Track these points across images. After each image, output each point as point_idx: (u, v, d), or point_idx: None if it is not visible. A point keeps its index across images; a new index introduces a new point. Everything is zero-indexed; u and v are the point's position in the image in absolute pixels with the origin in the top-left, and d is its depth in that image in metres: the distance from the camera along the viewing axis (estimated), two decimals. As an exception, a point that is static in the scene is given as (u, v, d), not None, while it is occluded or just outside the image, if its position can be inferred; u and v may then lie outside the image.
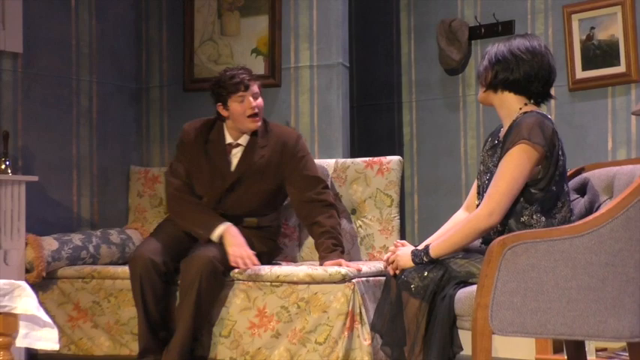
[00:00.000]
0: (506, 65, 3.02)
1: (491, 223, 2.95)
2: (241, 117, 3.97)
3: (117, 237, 4.58)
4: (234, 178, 4.02)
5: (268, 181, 4.04)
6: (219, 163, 4.03)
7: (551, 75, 3.07)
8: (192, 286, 3.76)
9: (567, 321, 2.82)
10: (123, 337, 4.14)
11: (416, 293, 2.92)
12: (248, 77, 3.99)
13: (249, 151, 4.03)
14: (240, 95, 3.96)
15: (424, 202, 5.07)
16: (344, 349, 3.73)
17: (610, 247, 2.83)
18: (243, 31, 4.90)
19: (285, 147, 4.06)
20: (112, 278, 4.20)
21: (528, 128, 2.94)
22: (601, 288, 2.83)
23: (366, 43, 5.29)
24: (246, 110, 3.96)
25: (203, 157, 4.05)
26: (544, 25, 4.69)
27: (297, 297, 3.84)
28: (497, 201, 2.94)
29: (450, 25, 4.89)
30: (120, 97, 5.01)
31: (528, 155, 2.93)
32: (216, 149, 4.05)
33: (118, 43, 5.00)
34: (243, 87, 3.96)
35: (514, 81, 3.03)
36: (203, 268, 3.77)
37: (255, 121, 3.99)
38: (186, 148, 4.08)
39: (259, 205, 4.08)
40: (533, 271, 2.81)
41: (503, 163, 2.96)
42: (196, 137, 4.07)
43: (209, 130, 4.09)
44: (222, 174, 4.03)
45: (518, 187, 2.95)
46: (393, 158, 4.38)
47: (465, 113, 4.95)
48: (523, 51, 3.02)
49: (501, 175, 2.95)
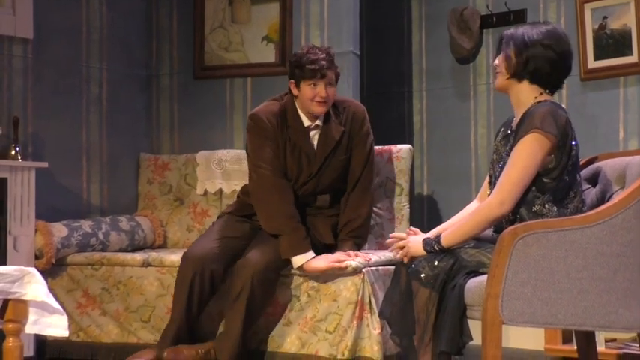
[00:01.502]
0: (536, 54, 3.00)
1: (503, 212, 2.94)
2: (308, 101, 3.88)
3: (126, 224, 4.58)
4: (321, 160, 3.95)
5: (343, 152, 3.98)
6: (303, 146, 3.93)
7: (571, 65, 3.07)
8: (243, 291, 3.71)
9: (578, 311, 2.81)
10: (131, 324, 4.15)
11: (426, 282, 2.92)
12: (327, 65, 3.87)
13: (328, 131, 3.96)
14: (314, 81, 3.86)
15: (434, 191, 5.06)
16: (353, 338, 3.73)
17: (621, 238, 2.83)
18: (253, 18, 4.89)
19: (354, 117, 4.01)
20: (121, 265, 4.21)
21: (541, 117, 2.92)
22: (612, 278, 2.82)
23: (377, 32, 5.27)
24: (316, 97, 3.87)
25: (287, 142, 3.93)
26: (556, 14, 4.66)
27: (308, 286, 3.84)
28: (509, 190, 2.93)
29: (462, 13, 4.87)
30: (130, 84, 5.01)
31: (540, 144, 2.92)
32: (297, 134, 3.93)
33: (129, 30, 5.00)
34: (320, 75, 3.85)
35: (541, 71, 3.01)
36: (255, 274, 3.71)
37: (321, 106, 3.90)
38: (269, 134, 3.91)
39: (335, 179, 4.00)
40: (544, 261, 2.80)
41: (515, 152, 2.94)
42: (277, 122, 3.93)
43: (284, 114, 3.96)
44: (307, 157, 3.95)
45: (529, 176, 2.94)
46: (403, 147, 4.37)
47: (476, 102, 4.93)
48: (551, 40, 3.00)
49: (513, 164, 2.94)
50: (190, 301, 3.83)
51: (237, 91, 4.94)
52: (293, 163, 3.93)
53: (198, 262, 3.82)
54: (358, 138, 3.99)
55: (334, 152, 3.96)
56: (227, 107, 4.92)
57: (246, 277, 3.72)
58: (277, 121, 3.92)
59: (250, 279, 3.71)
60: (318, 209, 4.02)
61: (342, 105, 4.03)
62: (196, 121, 5.01)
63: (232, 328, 3.74)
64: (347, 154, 3.99)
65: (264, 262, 3.75)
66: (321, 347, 3.78)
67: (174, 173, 4.82)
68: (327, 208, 4.03)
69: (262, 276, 3.73)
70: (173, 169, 4.82)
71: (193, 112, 5.03)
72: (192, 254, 3.86)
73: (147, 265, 4.17)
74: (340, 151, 3.97)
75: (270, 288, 3.81)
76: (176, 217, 4.77)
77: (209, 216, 4.63)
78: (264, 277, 3.74)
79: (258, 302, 3.76)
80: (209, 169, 4.71)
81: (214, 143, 4.80)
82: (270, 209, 3.87)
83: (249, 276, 3.71)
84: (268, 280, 3.78)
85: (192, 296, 3.82)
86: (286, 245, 3.80)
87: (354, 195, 3.99)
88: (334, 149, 3.95)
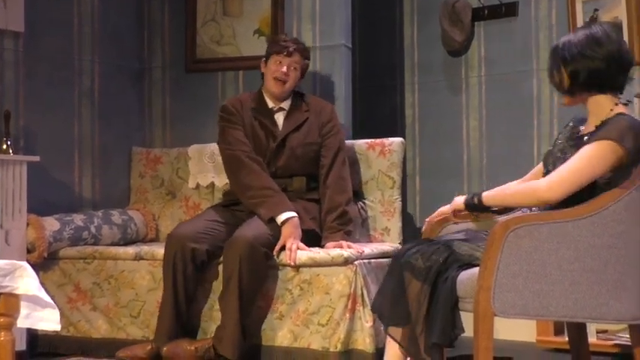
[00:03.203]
0: (580, 68, 2.92)
1: (548, 197, 2.85)
2: (269, 76, 4.13)
3: (118, 218, 4.58)
4: (283, 135, 4.09)
5: (312, 136, 4.12)
6: (267, 125, 4.12)
7: (627, 59, 2.97)
8: (233, 273, 3.73)
9: (569, 303, 2.82)
10: (121, 320, 4.14)
11: (418, 274, 2.92)
12: (297, 48, 4.14)
13: (293, 112, 4.16)
14: (280, 58, 4.10)
15: (426, 184, 5.07)
16: (346, 331, 3.74)
17: (612, 230, 2.83)
18: (245, 11, 4.88)
19: (322, 111, 4.18)
20: (113, 259, 4.20)
21: (622, 130, 2.84)
22: (603, 270, 2.83)
23: (369, 25, 5.26)
24: (275, 72, 4.09)
25: (252, 121, 4.12)
26: (547, 7, 4.67)
27: (300, 279, 3.85)
28: (563, 179, 2.85)
29: (454, 6, 4.87)
30: (122, 77, 4.99)
31: (613, 154, 2.84)
32: (261, 114, 4.14)
33: (121, 23, 4.98)
34: (286, 52, 4.10)
35: (593, 80, 2.93)
36: (244, 250, 3.74)
37: (278, 85, 4.10)
38: (237, 117, 4.12)
39: (307, 162, 4.10)
40: (536, 254, 2.81)
41: (586, 150, 2.86)
42: (243, 105, 4.16)
43: (249, 100, 4.20)
44: (272, 134, 4.11)
45: (588, 178, 2.85)
46: (395, 140, 4.37)
47: (468, 95, 4.94)
48: (592, 48, 2.92)
49: (579, 160, 2.86)
50: (176, 283, 3.85)
51: (229, 85, 4.94)
52: (260, 141, 4.08)
53: (179, 240, 3.86)
54: (327, 128, 4.13)
55: (298, 131, 4.09)
56: (219, 100, 4.90)
57: (234, 255, 3.74)
58: (243, 106, 4.14)
59: (239, 257, 3.73)
60: (296, 193, 4.07)
61: (312, 100, 4.24)
62: (188, 114, 5.00)
63: (229, 317, 3.75)
64: (317, 140, 4.11)
65: (251, 236, 3.78)
66: (314, 340, 3.79)
67: (166, 167, 4.81)
68: (304, 192, 4.09)
69: (250, 251, 3.75)
70: (165, 163, 4.82)
71: (185, 105, 5.02)
72: (175, 233, 3.93)
73: (139, 259, 4.16)
74: (307, 135, 4.10)
75: (260, 267, 3.81)
76: (168, 210, 4.77)
77: (201, 209, 4.62)
78: (252, 252, 3.75)
79: (249, 283, 3.76)
80: (201, 162, 4.70)
81: (206, 137, 4.79)
82: (244, 182, 3.99)
83: (237, 255, 3.74)
84: (257, 257, 3.78)
85: (176, 276, 3.85)
86: (268, 208, 3.89)
87: (329, 183, 4.06)
88: (298, 128, 4.10)
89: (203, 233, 3.92)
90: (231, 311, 3.74)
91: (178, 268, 3.85)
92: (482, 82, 4.87)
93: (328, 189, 4.06)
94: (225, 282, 3.79)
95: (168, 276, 3.88)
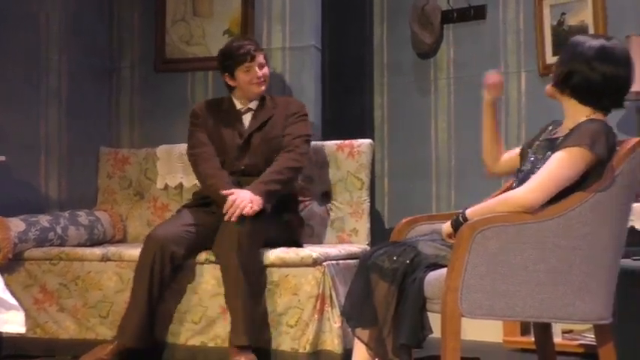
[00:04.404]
0: (580, 71, 2.91)
1: (527, 205, 2.85)
2: (247, 85, 4.12)
3: (85, 218, 4.54)
4: (249, 132, 4.11)
5: (276, 130, 4.11)
6: (234, 125, 4.14)
7: (624, 87, 2.96)
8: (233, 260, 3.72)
9: (535, 304, 2.84)
10: (89, 320, 4.11)
11: (385, 276, 2.93)
12: (254, 48, 4.13)
13: (260, 111, 4.16)
14: (247, 66, 4.10)
15: (395, 186, 5.08)
16: (314, 332, 3.74)
17: (578, 231, 2.86)
18: (215, 11, 4.87)
19: (290, 105, 4.19)
20: (80, 260, 4.17)
21: (593, 135, 2.84)
22: (568, 271, 2.85)
23: (339, 26, 5.27)
24: (253, 79, 4.11)
25: (219, 123, 4.14)
26: (515, 11, 4.70)
27: (269, 279, 3.84)
28: (538, 186, 2.85)
29: (423, 8, 4.89)
30: (90, 76, 4.95)
31: (585, 162, 2.85)
32: (229, 116, 4.16)
33: (89, 21, 4.94)
34: (250, 58, 4.09)
35: (581, 89, 2.93)
36: (238, 241, 3.73)
37: (261, 85, 4.14)
38: (200, 120, 4.16)
39: (273, 157, 4.07)
40: (503, 255, 2.83)
41: (558, 158, 2.87)
42: (208, 110, 4.18)
43: (218, 104, 4.22)
44: (238, 133, 4.12)
45: (562, 185, 2.86)
46: (364, 141, 4.38)
47: (437, 97, 4.96)
48: (603, 61, 2.89)
49: (552, 166, 2.87)
50: (152, 283, 3.82)
51: (199, 85, 4.92)
52: (225, 140, 4.09)
53: (160, 242, 3.83)
54: (292, 119, 4.13)
55: (265, 126, 4.10)
56: (188, 101, 4.89)
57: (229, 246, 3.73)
58: (210, 109, 4.17)
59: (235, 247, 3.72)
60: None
61: (281, 98, 4.28)
62: (157, 114, 4.98)
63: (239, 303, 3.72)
64: (280, 133, 4.10)
65: (239, 228, 3.75)
66: (283, 341, 3.79)
67: (134, 167, 4.78)
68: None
69: (244, 239, 3.74)
70: (133, 163, 4.79)
71: (154, 105, 5.00)
72: (156, 234, 3.89)
73: (106, 260, 4.13)
74: (271, 130, 4.10)
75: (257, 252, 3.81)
76: (136, 211, 4.74)
77: (169, 210, 4.61)
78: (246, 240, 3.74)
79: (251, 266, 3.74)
80: (170, 163, 4.68)
81: (175, 137, 4.77)
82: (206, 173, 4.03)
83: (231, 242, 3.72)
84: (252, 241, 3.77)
85: (153, 276, 3.82)
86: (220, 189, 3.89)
87: (281, 155, 4.03)
88: (265, 123, 4.10)
89: (182, 236, 3.90)
90: (240, 304, 3.72)
91: (156, 270, 3.82)
92: (451, 84, 4.90)
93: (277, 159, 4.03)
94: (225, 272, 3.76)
95: (144, 276, 3.83)
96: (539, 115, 4.50)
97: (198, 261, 3.94)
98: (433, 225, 3.33)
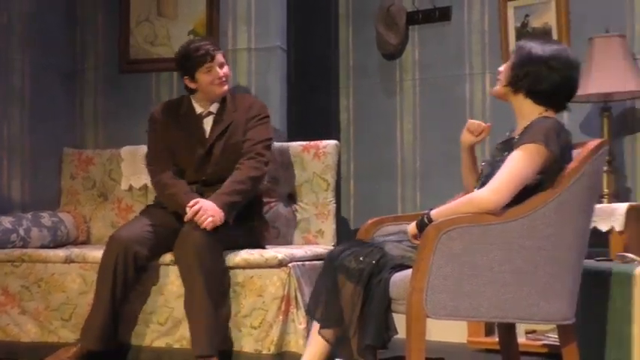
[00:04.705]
0: (538, 72, 2.99)
1: (490, 206, 2.86)
2: (209, 86, 4.03)
3: (48, 220, 4.50)
4: (211, 142, 4.03)
5: (236, 135, 4.04)
6: (195, 132, 4.05)
7: (575, 89, 3.06)
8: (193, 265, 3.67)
9: (500, 304, 2.86)
10: (52, 323, 4.07)
11: (352, 276, 2.93)
12: (212, 47, 4.04)
13: (221, 116, 4.07)
14: (207, 66, 4.01)
15: (360, 187, 5.09)
16: (279, 333, 3.73)
17: (542, 232, 2.88)
18: (180, 12, 4.84)
19: (251, 108, 4.11)
20: (43, 262, 4.12)
21: (546, 132, 2.89)
22: (533, 272, 2.87)
23: (304, 27, 5.27)
24: (214, 80, 4.02)
25: (178, 131, 4.05)
26: (480, 12, 4.73)
27: (233, 281, 3.82)
28: (500, 186, 2.87)
29: (388, 9, 4.90)
30: (53, 77, 4.90)
31: (540, 158, 2.89)
32: (188, 121, 4.07)
33: (52, 21, 4.89)
34: (210, 58, 4.01)
35: (538, 89, 3.01)
36: (199, 244, 3.69)
37: (223, 85, 4.05)
38: (159, 127, 4.08)
39: (235, 164, 4.00)
40: (468, 256, 2.84)
41: (515, 156, 2.90)
42: (167, 115, 4.09)
43: (177, 107, 4.12)
44: (199, 142, 4.04)
45: (522, 183, 2.89)
46: (330, 142, 4.38)
47: (402, 98, 4.97)
48: (559, 63, 2.99)
49: (510, 165, 2.89)
50: (115, 284, 3.79)
51: (164, 86, 4.89)
52: (186, 149, 4.02)
53: (123, 242, 3.79)
54: (253, 122, 4.06)
55: (226, 133, 4.03)
56: (153, 101, 4.85)
57: (191, 251, 3.68)
58: (168, 113, 4.08)
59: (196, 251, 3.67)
60: None
61: (243, 97, 4.19)
62: (121, 115, 4.94)
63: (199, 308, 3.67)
64: (241, 138, 4.04)
65: (200, 231, 3.71)
66: (246, 343, 3.77)
67: (98, 168, 4.75)
68: None
69: (204, 242, 3.69)
70: (97, 164, 4.75)
71: (118, 106, 4.96)
72: (118, 235, 3.85)
73: (69, 262, 4.09)
74: (231, 136, 4.04)
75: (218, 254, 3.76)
76: (100, 212, 4.71)
77: (134, 211, 4.57)
78: (206, 242, 3.70)
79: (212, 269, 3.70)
80: (134, 164, 4.65)
81: (139, 138, 4.72)
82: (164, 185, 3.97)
83: (194, 249, 3.68)
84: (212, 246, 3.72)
85: (116, 277, 3.78)
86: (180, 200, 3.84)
87: (242, 163, 3.97)
88: (226, 130, 4.04)
89: (145, 237, 3.86)
90: (200, 308, 3.67)
91: (119, 271, 3.79)
92: (417, 85, 4.92)
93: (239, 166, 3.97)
94: (185, 279, 3.72)
95: (107, 278, 3.79)
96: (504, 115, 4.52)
97: (163, 262, 3.92)
98: (399, 226, 3.34)
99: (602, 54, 4.10)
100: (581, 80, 4.12)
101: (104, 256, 3.83)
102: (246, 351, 3.77)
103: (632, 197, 4.33)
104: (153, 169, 4.06)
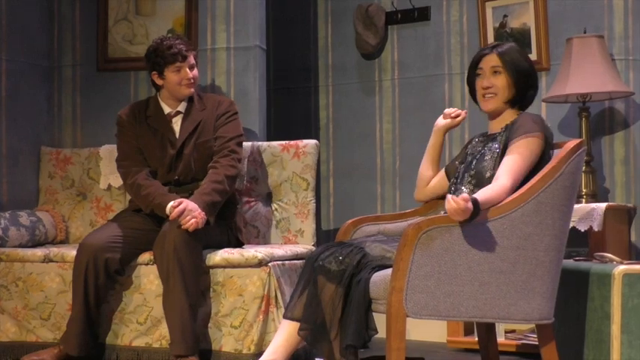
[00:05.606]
0: (536, 88, 3.18)
1: (512, 190, 2.95)
2: (176, 85, 4.02)
3: (26, 219, 4.46)
4: (181, 141, 4.01)
5: (206, 134, 4.03)
6: (164, 133, 4.04)
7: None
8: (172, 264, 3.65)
9: (479, 304, 2.87)
10: (30, 322, 4.05)
11: (332, 278, 2.93)
12: (185, 48, 4.02)
13: (189, 115, 4.06)
14: (177, 66, 3.99)
15: (340, 186, 5.10)
16: (259, 333, 3.73)
17: (521, 231, 2.90)
18: (158, 11, 4.82)
19: (220, 105, 4.10)
20: (21, 261, 4.10)
21: (539, 123, 3.03)
22: (512, 271, 2.89)
23: (283, 26, 5.27)
24: (182, 80, 4.01)
25: (147, 131, 4.04)
26: (459, 12, 4.75)
27: (213, 281, 3.82)
28: (516, 175, 2.96)
29: (367, 9, 4.91)
30: (31, 75, 4.87)
31: (540, 149, 3.02)
32: (157, 122, 4.06)
33: (30, 19, 4.85)
34: (181, 57, 3.99)
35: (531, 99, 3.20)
36: (177, 243, 3.66)
37: (190, 87, 4.03)
38: (127, 128, 4.06)
39: (206, 163, 4.00)
40: (447, 255, 2.85)
41: (520, 147, 2.99)
42: (135, 116, 4.07)
43: (144, 108, 4.10)
44: (169, 142, 4.02)
45: (528, 171, 3.00)
46: (309, 142, 4.38)
47: (381, 98, 4.99)
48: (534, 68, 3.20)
49: (517, 155, 2.98)
50: (87, 290, 3.78)
51: (142, 84, 4.87)
52: (157, 150, 4.01)
53: (91, 250, 3.78)
54: (222, 120, 4.05)
55: (196, 132, 4.02)
56: (131, 100, 4.83)
57: (170, 248, 3.66)
58: (136, 115, 4.06)
59: (174, 247, 3.65)
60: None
61: (211, 96, 4.18)
62: (100, 114, 4.91)
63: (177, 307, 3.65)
64: (211, 137, 4.04)
65: (179, 230, 3.69)
66: (226, 342, 3.77)
67: (76, 167, 4.72)
68: None
69: (182, 239, 3.67)
70: (75, 163, 4.72)
71: (97, 104, 4.93)
72: (87, 242, 3.83)
73: (48, 261, 4.07)
74: (200, 135, 4.03)
75: (197, 250, 3.74)
76: (78, 211, 4.68)
77: (112, 211, 4.55)
78: (184, 239, 3.68)
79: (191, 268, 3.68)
80: (113, 163, 4.61)
81: (118, 137, 4.71)
82: (139, 187, 3.93)
83: (172, 245, 3.66)
84: (190, 243, 3.70)
85: (87, 285, 3.78)
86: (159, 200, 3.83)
87: (217, 162, 3.95)
88: (196, 129, 4.02)
89: (116, 242, 3.84)
90: (178, 308, 3.65)
91: (90, 278, 3.78)
92: (396, 85, 4.93)
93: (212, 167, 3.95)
94: (164, 278, 3.70)
95: (79, 284, 3.79)
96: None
97: (141, 262, 3.90)
98: (379, 225, 3.35)
99: (580, 54, 4.13)
100: (560, 80, 4.18)
101: (75, 264, 3.83)
102: (226, 350, 3.77)
103: (611, 197, 4.37)
104: (125, 171, 4.03)
